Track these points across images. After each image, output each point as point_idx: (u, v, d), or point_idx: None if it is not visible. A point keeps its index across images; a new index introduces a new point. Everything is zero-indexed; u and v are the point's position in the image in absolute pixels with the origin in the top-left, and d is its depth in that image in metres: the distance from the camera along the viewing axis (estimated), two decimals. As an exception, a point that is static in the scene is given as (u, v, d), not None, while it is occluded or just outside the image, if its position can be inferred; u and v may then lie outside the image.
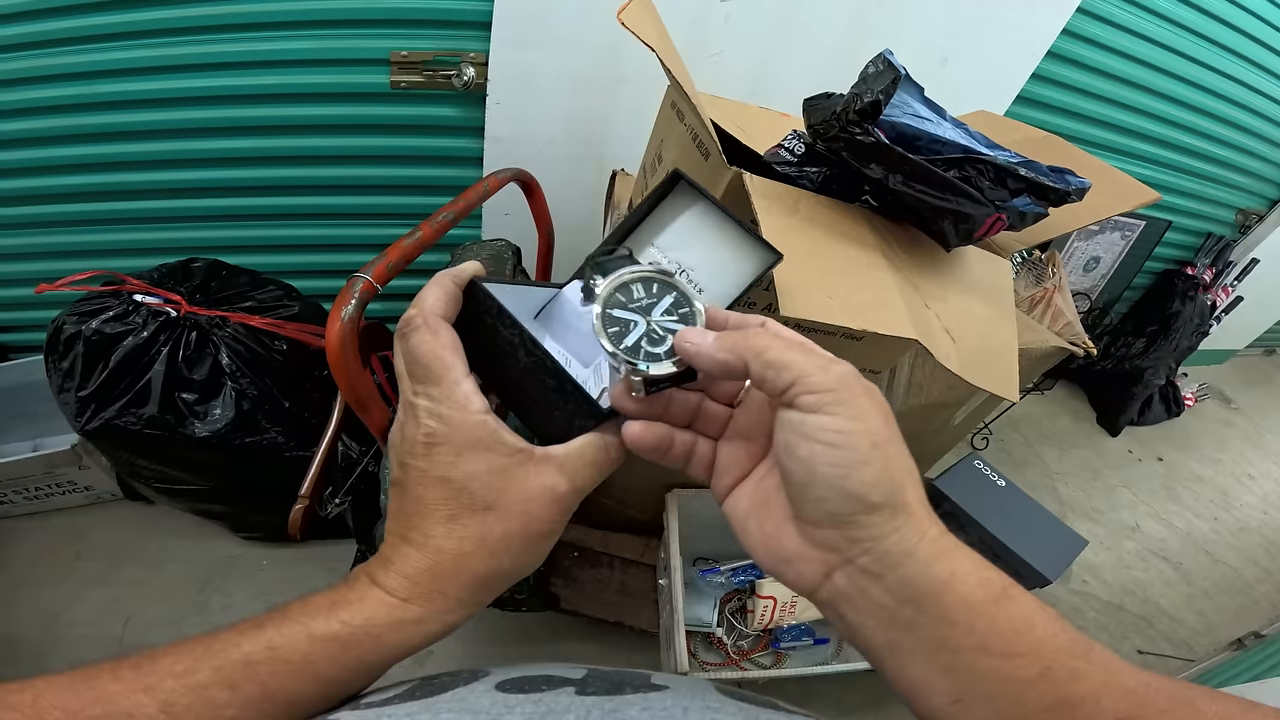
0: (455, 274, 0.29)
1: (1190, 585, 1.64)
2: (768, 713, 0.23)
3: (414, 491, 0.27)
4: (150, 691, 0.23)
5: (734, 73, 1.22)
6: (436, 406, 0.26)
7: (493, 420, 0.27)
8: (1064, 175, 0.56)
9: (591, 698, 0.22)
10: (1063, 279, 1.38)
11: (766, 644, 1.21)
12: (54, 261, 1.24)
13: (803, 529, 0.25)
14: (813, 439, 0.23)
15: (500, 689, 0.23)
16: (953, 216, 0.53)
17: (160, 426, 0.96)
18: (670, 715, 0.21)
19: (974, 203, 0.52)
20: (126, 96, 1.08)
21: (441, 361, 0.26)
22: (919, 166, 0.51)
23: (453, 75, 1.13)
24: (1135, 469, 1.95)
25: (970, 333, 0.58)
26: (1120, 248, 1.92)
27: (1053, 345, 0.95)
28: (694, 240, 0.36)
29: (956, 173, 0.52)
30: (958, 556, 0.23)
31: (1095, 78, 1.49)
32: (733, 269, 0.35)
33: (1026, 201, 0.54)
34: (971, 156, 0.52)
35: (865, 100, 0.50)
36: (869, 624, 0.24)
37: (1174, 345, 1.96)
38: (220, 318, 1.02)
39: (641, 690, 0.23)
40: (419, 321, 0.27)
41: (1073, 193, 0.54)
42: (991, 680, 0.22)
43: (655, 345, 0.29)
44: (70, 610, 1.12)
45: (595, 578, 1.19)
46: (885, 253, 0.56)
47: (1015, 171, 0.52)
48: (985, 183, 0.52)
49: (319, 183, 1.25)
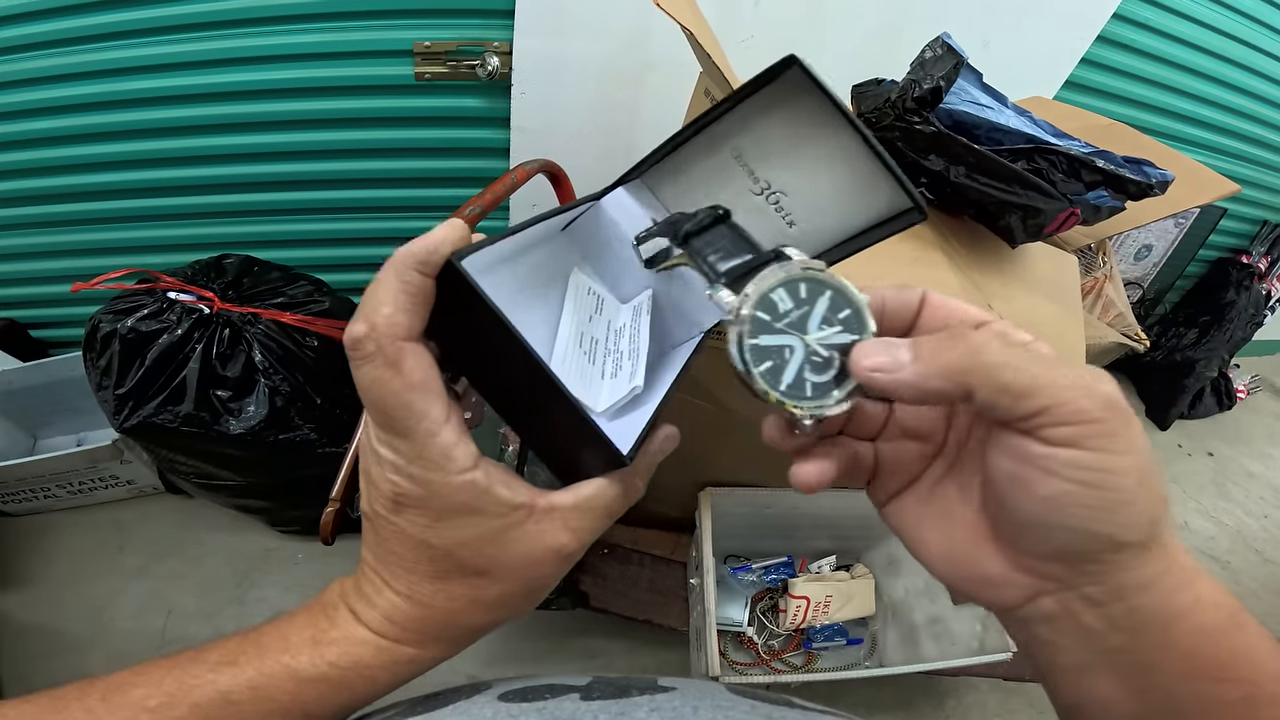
0: (421, 257, 0.20)
1: (1238, 584, 1.58)
2: (780, 710, 0.22)
3: (391, 545, 0.23)
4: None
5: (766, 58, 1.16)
6: (406, 465, 0.21)
7: (481, 477, 0.21)
8: (1142, 167, 0.51)
9: (598, 703, 0.21)
10: (1113, 268, 1.31)
11: (798, 644, 1.19)
12: (90, 258, 1.25)
13: (1014, 555, 0.21)
14: (1063, 477, 0.19)
15: (503, 699, 0.22)
16: (1021, 211, 0.49)
17: (196, 424, 0.97)
18: (680, 715, 0.20)
19: (1045, 196, 0.48)
20: (154, 93, 1.08)
21: (408, 409, 0.20)
22: (985, 158, 0.47)
23: (477, 65, 1.11)
24: (1184, 464, 1.88)
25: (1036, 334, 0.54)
26: (1173, 235, 1.83)
27: (1110, 341, 0.90)
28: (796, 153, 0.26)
29: (1025, 164, 0.48)
30: (1202, 585, 0.21)
31: (1148, 62, 1.41)
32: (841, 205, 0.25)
33: (1102, 195, 0.50)
34: (1041, 147, 0.48)
35: (925, 87, 0.47)
36: (1066, 644, 0.21)
37: (1227, 336, 1.88)
38: (252, 314, 1.02)
39: (648, 692, 0.22)
40: (370, 348, 0.20)
41: (1155, 186, 0.49)
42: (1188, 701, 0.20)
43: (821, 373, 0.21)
44: (113, 604, 1.15)
45: (624, 574, 1.18)
46: (945, 250, 0.53)
47: (1091, 163, 0.48)
48: (1058, 175, 0.48)
49: (346, 176, 1.24)
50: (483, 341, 0.22)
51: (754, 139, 0.26)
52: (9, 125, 1.10)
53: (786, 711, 0.21)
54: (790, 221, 0.27)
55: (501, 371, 0.23)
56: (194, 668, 0.23)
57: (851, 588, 1.14)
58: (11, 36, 1.01)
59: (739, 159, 0.27)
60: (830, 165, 0.25)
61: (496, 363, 0.22)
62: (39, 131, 1.10)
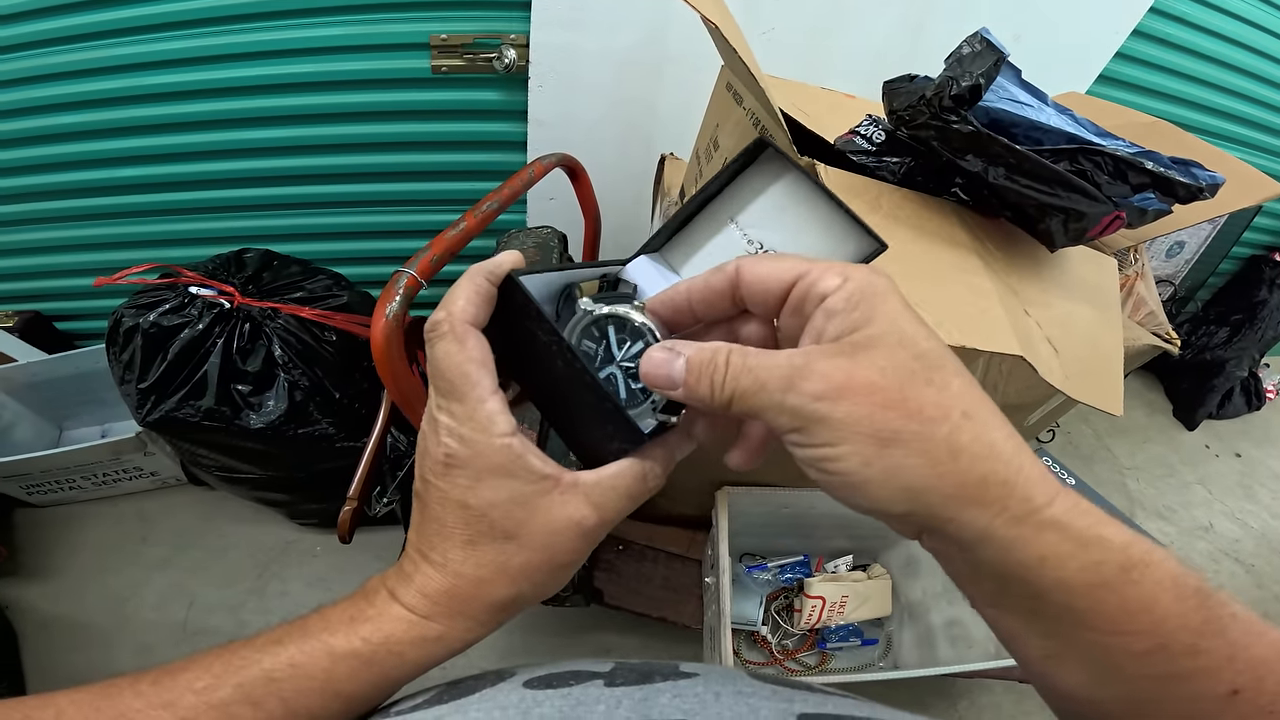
0: (490, 268, 0.26)
1: (1262, 589, 1.55)
2: (802, 694, 0.22)
3: (434, 510, 0.25)
4: (171, 708, 0.22)
5: (787, 50, 1.14)
6: (458, 426, 0.24)
7: (518, 444, 0.24)
8: (1190, 169, 0.49)
9: (621, 688, 0.22)
10: (1145, 265, 1.28)
11: (812, 643, 1.18)
12: (113, 252, 1.27)
13: None
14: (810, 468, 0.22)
15: (528, 686, 0.23)
16: (1063, 215, 0.47)
17: (217, 418, 0.98)
18: (702, 701, 0.20)
19: (1089, 199, 0.46)
20: (171, 88, 1.08)
21: (466, 377, 0.24)
22: (1026, 159, 0.45)
23: (493, 58, 1.10)
24: (1211, 465, 1.83)
25: (1074, 341, 0.53)
26: (1207, 232, 1.78)
27: (1145, 343, 0.87)
28: (780, 217, 0.31)
29: (1068, 165, 0.46)
30: (1049, 541, 0.20)
31: (1184, 57, 1.37)
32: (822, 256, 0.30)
33: (1148, 198, 0.48)
34: (1085, 147, 0.46)
35: (963, 85, 0.45)
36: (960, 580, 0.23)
37: (1259, 335, 1.83)
38: (272, 309, 1.02)
39: (671, 679, 0.22)
40: (445, 328, 0.25)
41: (1205, 189, 0.47)
42: (1092, 649, 0.21)
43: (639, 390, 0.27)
44: (136, 595, 1.16)
45: (639, 572, 1.18)
46: (980, 254, 0.51)
47: (1139, 165, 0.46)
48: (1103, 177, 0.46)
49: (363, 170, 1.23)
50: (529, 341, 0.26)
51: (744, 207, 0.31)
52: (34, 120, 1.11)
53: (808, 695, 0.22)
54: None
55: (543, 366, 0.27)
56: (243, 650, 0.24)
57: (868, 588, 1.13)
58: (36, 31, 1.02)
59: (735, 224, 0.32)
60: (806, 226, 0.30)
61: (537, 360, 0.27)
62: (64, 126, 1.11)
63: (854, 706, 0.21)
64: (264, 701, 0.23)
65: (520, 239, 1.02)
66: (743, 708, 0.20)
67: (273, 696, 0.23)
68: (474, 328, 0.25)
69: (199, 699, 0.23)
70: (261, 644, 0.25)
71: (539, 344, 0.26)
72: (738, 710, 0.20)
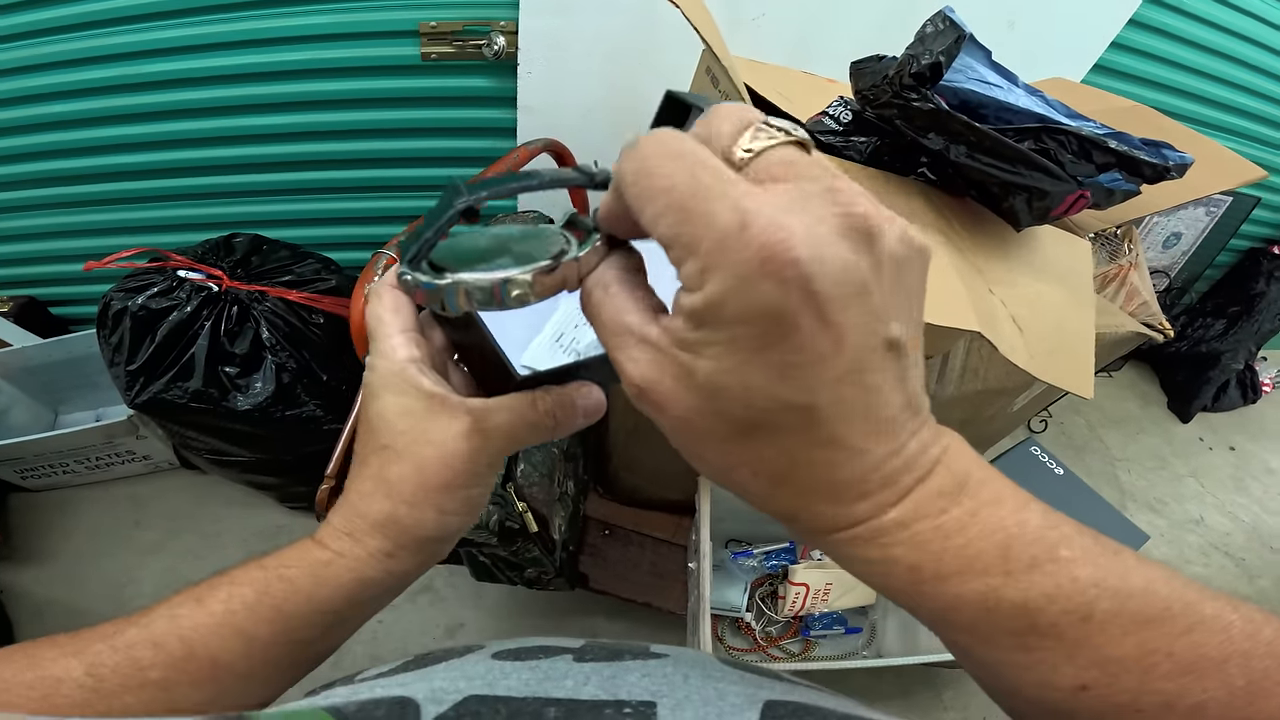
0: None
1: (1251, 584, 1.55)
2: (769, 681, 0.22)
3: (356, 440, 0.27)
4: (80, 655, 0.23)
5: (777, 37, 1.14)
6: (373, 359, 0.26)
7: (413, 368, 0.26)
8: (1160, 149, 0.49)
9: (590, 664, 0.22)
10: (1140, 256, 1.27)
11: (796, 631, 1.19)
12: (104, 238, 1.28)
13: None
14: None
15: (496, 658, 0.23)
16: (1026, 193, 0.47)
17: (205, 400, 0.99)
18: (670, 682, 0.20)
19: (1052, 178, 0.46)
20: (162, 76, 1.09)
21: (379, 320, 0.26)
22: (987, 137, 0.45)
23: (483, 45, 1.10)
24: (1204, 458, 1.82)
25: (1041, 321, 0.53)
26: (1204, 224, 1.76)
27: (1128, 330, 0.86)
28: None
29: (1032, 144, 0.46)
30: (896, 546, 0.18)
31: (1181, 47, 1.35)
32: None
33: (1115, 178, 0.48)
34: (1050, 127, 0.46)
35: (923, 63, 0.45)
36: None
37: (1256, 328, 1.82)
38: (260, 292, 1.03)
39: (640, 658, 0.22)
40: (371, 290, 0.29)
41: (1172, 169, 0.47)
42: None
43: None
44: (132, 581, 1.17)
45: (625, 556, 1.18)
46: (944, 231, 0.51)
47: (1104, 144, 0.46)
48: (1067, 156, 0.46)
49: (353, 156, 1.24)
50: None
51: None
52: (27, 109, 1.11)
53: (775, 683, 0.22)
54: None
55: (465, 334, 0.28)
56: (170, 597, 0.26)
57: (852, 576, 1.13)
58: (28, 22, 1.03)
59: None
60: None
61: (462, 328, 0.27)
62: (55, 115, 1.12)
63: (819, 698, 0.21)
64: (164, 641, 0.24)
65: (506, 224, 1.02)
66: (710, 691, 0.20)
67: (172, 635, 0.24)
68: (395, 290, 0.26)
69: (105, 644, 0.23)
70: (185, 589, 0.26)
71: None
72: (705, 693, 0.20)
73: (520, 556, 0.94)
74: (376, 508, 0.26)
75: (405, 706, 0.18)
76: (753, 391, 0.16)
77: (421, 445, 0.25)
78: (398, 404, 0.25)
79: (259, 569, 0.26)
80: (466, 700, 0.19)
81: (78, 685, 0.22)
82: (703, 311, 0.16)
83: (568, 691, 0.19)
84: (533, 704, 0.19)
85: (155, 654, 0.23)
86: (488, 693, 0.19)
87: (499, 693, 0.19)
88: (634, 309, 0.19)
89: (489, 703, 0.19)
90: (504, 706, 0.18)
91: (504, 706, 0.18)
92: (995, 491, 0.19)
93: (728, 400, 0.17)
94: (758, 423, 0.17)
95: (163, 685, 0.23)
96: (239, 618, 0.25)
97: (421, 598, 1.24)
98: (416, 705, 0.18)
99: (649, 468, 1.08)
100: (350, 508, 0.27)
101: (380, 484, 0.26)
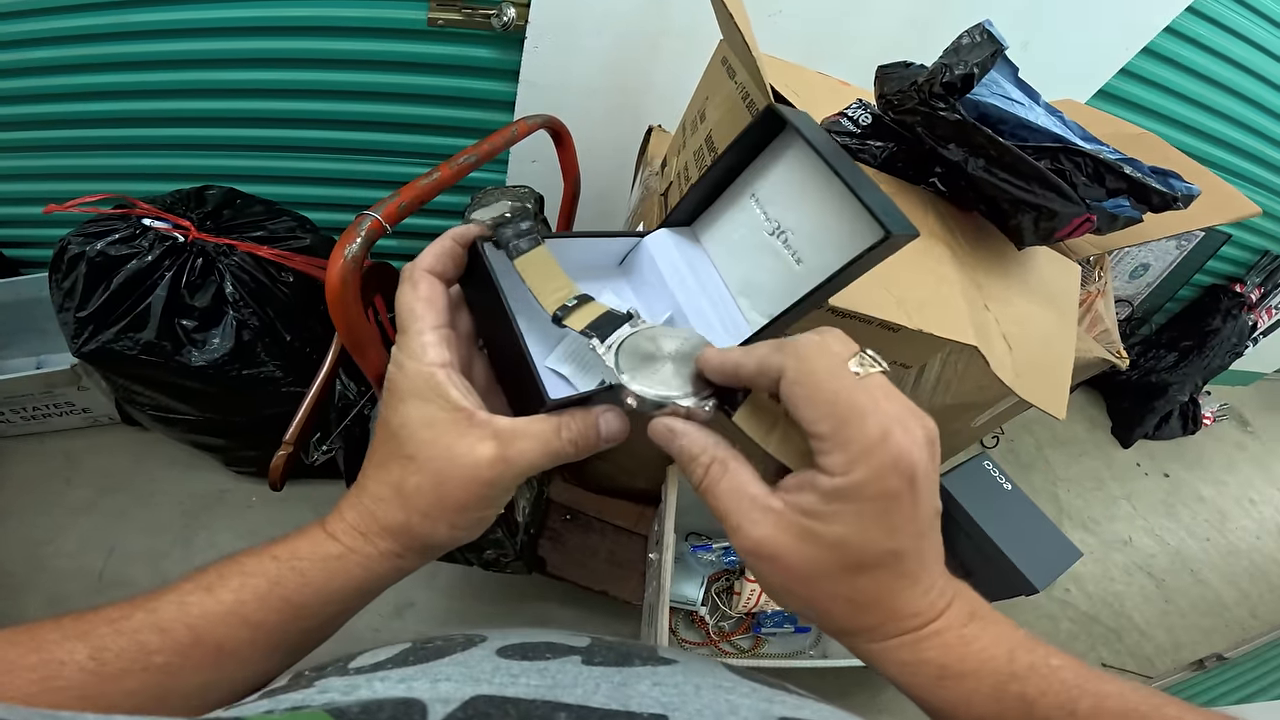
0: (460, 233, 0.29)
1: (1169, 603, 1.64)
2: (780, 694, 0.22)
3: (374, 435, 0.28)
4: (84, 638, 0.23)
5: (792, 35, 1.13)
6: (399, 354, 0.27)
7: (443, 374, 0.26)
8: (1168, 179, 0.50)
9: (599, 668, 0.21)
10: (1108, 284, 1.32)
11: (748, 627, 1.21)
12: (73, 183, 1.21)
13: None
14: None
15: (502, 654, 0.22)
16: (1035, 212, 0.48)
17: (156, 353, 0.93)
18: (683, 693, 0.20)
19: (1063, 199, 0.46)
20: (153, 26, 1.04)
21: (412, 312, 0.26)
22: (1008, 152, 0.45)
23: (492, 15, 1.06)
24: (1140, 482, 1.92)
25: (1029, 340, 0.53)
26: (1173, 257, 1.83)
27: (1095, 356, 0.90)
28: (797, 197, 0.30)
29: (1049, 163, 0.47)
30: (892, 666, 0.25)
31: (1190, 79, 1.37)
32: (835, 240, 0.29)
33: (1121, 204, 0.49)
34: (1068, 148, 0.47)
35: (956, 72, 0.44)
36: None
37: (1206, 363, 1.91)
38: (228, 246, 0.97)
39: (650, 663, 0.22)
40: (405, 274, 0.27)
41: (1180, 199, 0.48)
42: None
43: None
44: (55, 540, 1.10)
45: (585, 543, 1.17)
46: (949, 244, 0.51)
47: (1118, 169, 0.47)
48: (1081, 179, 0.47)
49: (345, 117, 1.19)
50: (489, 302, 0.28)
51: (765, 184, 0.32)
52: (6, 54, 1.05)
53: (786, 696, 0.22)
54: (798, 260, 0.31)
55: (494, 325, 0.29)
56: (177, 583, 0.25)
57: (808, 576, 1.15)
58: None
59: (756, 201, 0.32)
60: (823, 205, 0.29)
61: (491, 319, 0.29)
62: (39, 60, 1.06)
63: (831, 714, 0.21)
64: (171, 628, 0.23)
65: (494, 195, 0.99)
66: (722, 704, 0.20)
67: (179, 623, 0.24)
68: (431, 276, 0.27)
69: (110, 628, 0.23)
70: (194, 575, 0.25)
71: (493, 305, 0.28)
72: (717, 707, 0.19)
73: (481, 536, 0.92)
74: (391, 516, 0.26)
75: (411, 707, 0.17)
76: (869, 544, 0.23)
77: (443, 462, 0.25)
78: (423, 413, 0.26)
79: (272, 560, 0.26)
80: (475, 700, 0.18)
81: (80, 668, 0.22)
82: (846, 491, 0.22)
83: (578, 698, 0.19)
84: (542, 708, 0.18)
85: (162, 640, 0.23)
86: (496, 694, 0.19)
87: (508, 694, 0.19)
88: (754, 481, 0.25)
89: (498, 704, 0.18)
90: (513, 709, 0.18)
91: (513, 709, 0.18)
92: (998, 618, 0.25)
93: (847, 551, 0.23)
94: (865, 565, 0.23)
95: (165, 670, 0.23)
96: (249, 608, 0.25)
97: (373, 574, 1.20)
98: (423, 705, 0.17)
99: (620, 452, 1.07)
100: (365, 509, 0.27)
101: (397, 493, 0.26)
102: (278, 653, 0.26)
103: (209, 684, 0.24)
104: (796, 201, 0.30)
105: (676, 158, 0.85)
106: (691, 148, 0.78)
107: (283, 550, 0.26)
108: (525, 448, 0.26)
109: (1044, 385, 0.55)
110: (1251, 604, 1.71)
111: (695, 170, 0.72)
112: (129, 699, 0.22)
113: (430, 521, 0.26)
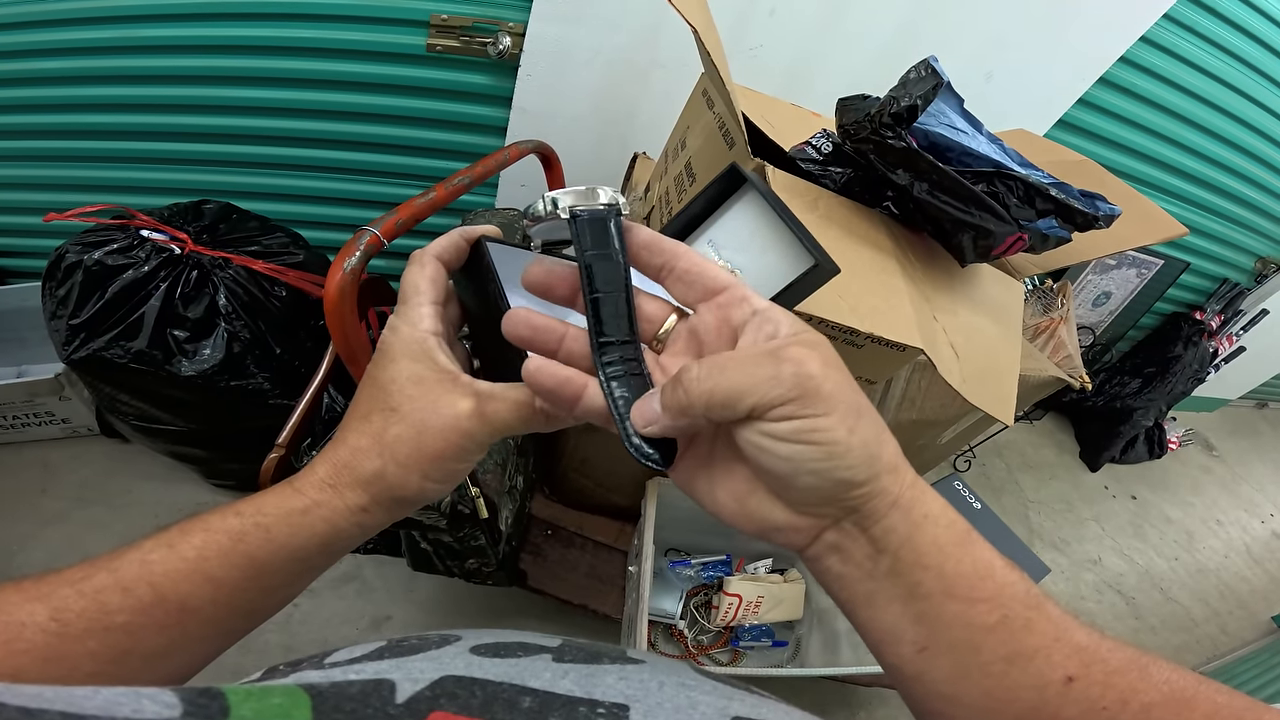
0: (467, 230, 0.31)
1: (1138, 620, 1.67)
2: (741, 694, 0.23)
3: (357, 394, 0.29)
4: (45, 599, 0.23)
5: (771, 69, 1.20)
6: (395, 320, 0.29)
7: (434, 341, 0.28)
8: (1094, 201, 0.55)
9: (569, 664, 0.22)
10: (1070, 312, 1.39)
11: (726, 641, 1.22)
12: (70, 194, 1.23)
13: (787, 503, 0.25)
14: (792, 441, 0.22)
15: (475, 652, 0.23)
16: (973, 231, 0.53)
17: (147, 362, 0.95)
18: (645, 687, 0.21)
19: (997, 219, 0.51)
20: (164, 41, 1.08)
21: (415, 287, 0.29)
22: (947, 176, 0.50)
23: (489, 43, 1.12)
24: (1108, 504, 1.98)
25: (975, 350, 0.58)
26: (1134, 285, 1.90)
27: (1050, 375, 0.95)
28: (748, 241, 0.35)
29: (985, 187, 0.52)
30: (929, 499, 0.24)
31: (1144, 107, 1.44)
32: (778, 275, 0.35)
33: (1051, 224, 0.54)
34: (1002, 172, 0.52)
35: (902, 104, 0.50)
36: (852, 574, 0.25)
37: (1169, 389, 1.98)
38: (223, 259, 1.00)
39: (619, 662, 0.23)
40: (415, 256, 0.30)
41: (1101, 219, 0.53)
42: (955, 627, 0.23)
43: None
44: (24, 549, 1.09)
45: (565, 558, 1.18)
46: (900, 260, 0.56)
47: (1045, 191, 0.52)
48: (1013, 200, 0.52)
49: (342, 138, 1.23)
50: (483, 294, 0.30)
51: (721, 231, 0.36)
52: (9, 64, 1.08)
53: (746, 696, 0.22)
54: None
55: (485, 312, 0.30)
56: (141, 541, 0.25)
57: (783, 591, 1.16)
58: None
59: (711, 245, 0.36)
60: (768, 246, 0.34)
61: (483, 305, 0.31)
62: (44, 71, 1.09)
63: (785, 713, 0.22)
64: (134, 586, 0.23)
65: (487, 218, 1.03)
66: (683, 699, 0.20)
67: (142, 581, 0.24)
68: (438, 261, 0.30)
69: (72, 588, 0.23)
70: (157, 533, 0.25)
71: (490, 297, 0.30)
72: (677, 701, 0.20)
73: (465, 544, 0.93)
74: (368, 464, 0.27)
75: (381, 685, 0.18)
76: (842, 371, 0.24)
77: (426, 414, 0.27)
78: (413, 370, 0.28)
79: (235, 516, 0.26)
80: (443, 680, 0.19)
81: (41, 630, 0.22)
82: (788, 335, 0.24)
83: (544, 684, 0.20)
84: (508, 690, 0.19)
85: (123, 599, 0.23)
86: (464, 674, 0.19)
87: (475, 675, 0.20)
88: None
89: (465, 684, 0.19)
90: (480, 689, 0.19)
91: (480, 689, 0.19)
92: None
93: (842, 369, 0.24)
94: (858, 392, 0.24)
95: (127, 630, 0.23)
96: (211, 564, 0.25)
97: (347, 587, 1.19)
98: (392, 684, 0.18)
99: (600, 469, 1.09)
100: (339, 460, 0.28)
101: (376, 441, 0.27)
102: (238, 614, 0.26)
103: (171, 644, 0.24)
104: (746, 244, 0.35)
105: (659, 183, 0.90)
106: (673, 174, 0.83)
107: (247, 506, 0.26)
108: (501, 407, 0.27)
109: (991, 392, 0.59)
110: (1221, 620, 1.75)
111: (676, 196, 0.76)
112: (91, 660, 0.22)
113: (404, 471, 0.27)
